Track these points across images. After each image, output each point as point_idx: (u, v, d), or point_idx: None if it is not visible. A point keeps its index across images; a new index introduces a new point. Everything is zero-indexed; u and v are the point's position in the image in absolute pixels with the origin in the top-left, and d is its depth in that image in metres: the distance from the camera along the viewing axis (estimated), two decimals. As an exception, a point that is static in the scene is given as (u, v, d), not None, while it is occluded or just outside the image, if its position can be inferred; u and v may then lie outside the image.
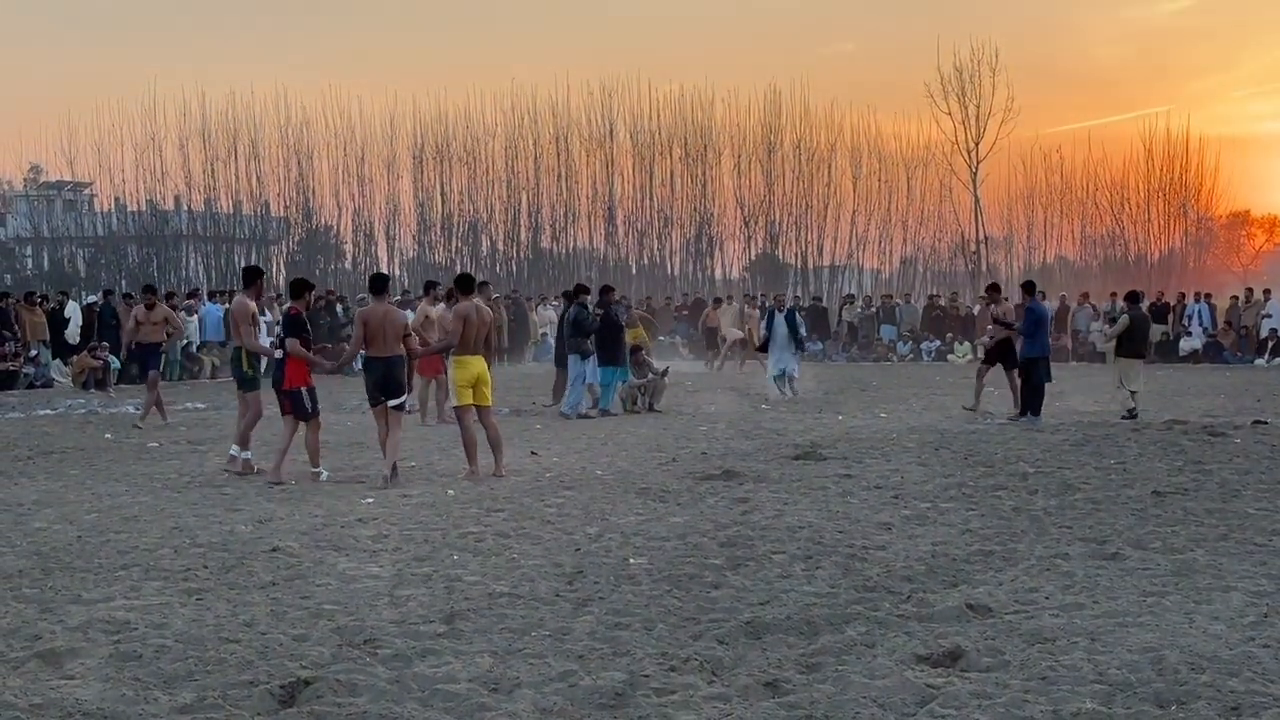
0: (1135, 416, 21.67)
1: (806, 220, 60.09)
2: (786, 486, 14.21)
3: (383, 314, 15.44)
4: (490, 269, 57.94)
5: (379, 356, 15.34)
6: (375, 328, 15.30)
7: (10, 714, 6.50)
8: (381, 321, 15.34)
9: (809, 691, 6.86)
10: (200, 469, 16.28)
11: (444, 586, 9.48)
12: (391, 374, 15.37)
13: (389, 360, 15.36)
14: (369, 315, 15.48)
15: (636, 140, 59.62)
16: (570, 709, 6.65)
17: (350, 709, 6.62)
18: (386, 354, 15.33)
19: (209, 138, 56.55)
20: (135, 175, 56.46)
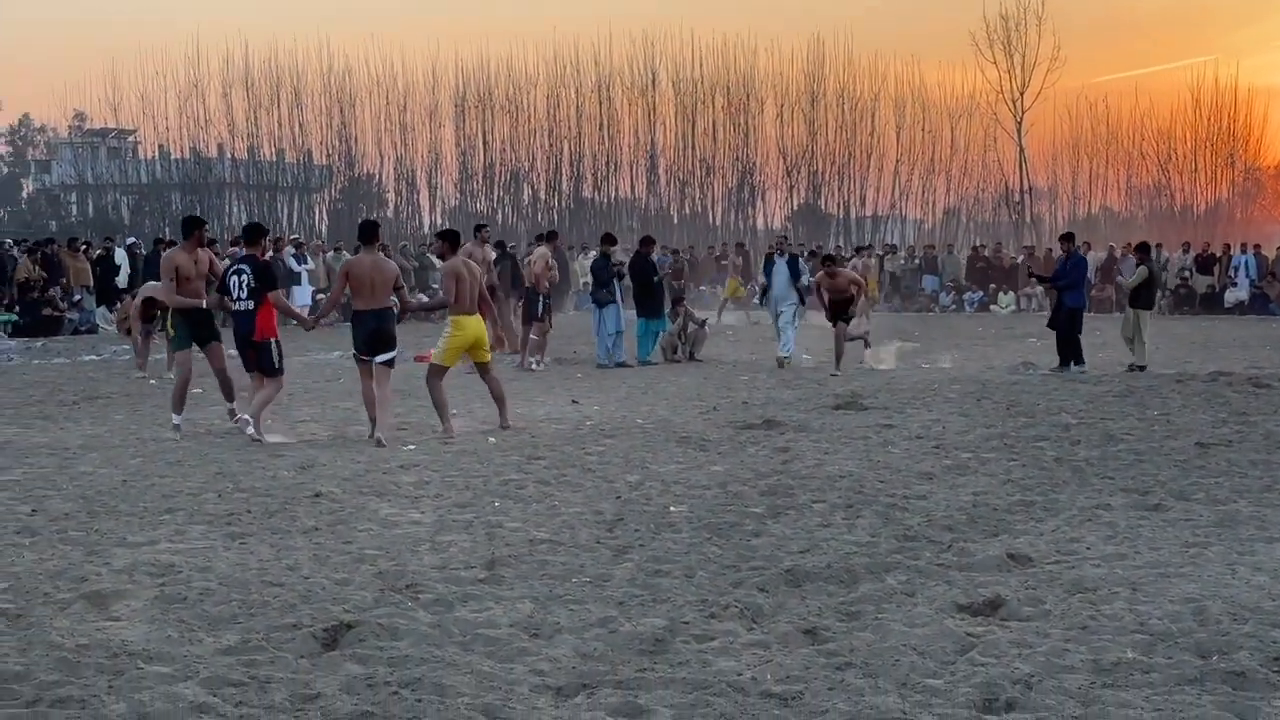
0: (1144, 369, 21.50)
1: (849, 170, 59.81)
2: (827, 436, 14.20)
3: (370, 264, 14.40)
4: (532, 218, 57.90)
5: (367, 309, 14.37)
6: (362, 278, 14.31)
7: (57, 654, 6.57)
8: (369, 272, 14.34)
9: (849, 639, 6.87)
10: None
11: (485, 533, 9.52)
12: (381, 327, 14.35)
13: (379, 313, 14.36)
14: (354, 265, 14.52)
15: (679, 89, 59.39)
16: (610, 654, 6.68)
17: (392, 652, 6.66)
18: (376, 306, 14.34)
19: (252, 85, 56.61)
20: (179, 123, 56.63)
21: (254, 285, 14.35)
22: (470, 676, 6.30)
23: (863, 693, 6.03)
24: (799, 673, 6.35)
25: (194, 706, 5.83)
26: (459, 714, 5.77)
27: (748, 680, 6.23)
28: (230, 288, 14.47)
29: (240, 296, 14.43)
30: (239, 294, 14.42)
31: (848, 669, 6.38)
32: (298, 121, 57.37)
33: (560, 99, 59.09)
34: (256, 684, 6.18)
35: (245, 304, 14.42)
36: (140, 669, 6.36)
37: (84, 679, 6.23)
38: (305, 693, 6.06)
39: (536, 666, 6.48)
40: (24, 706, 5.87)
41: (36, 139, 72.07)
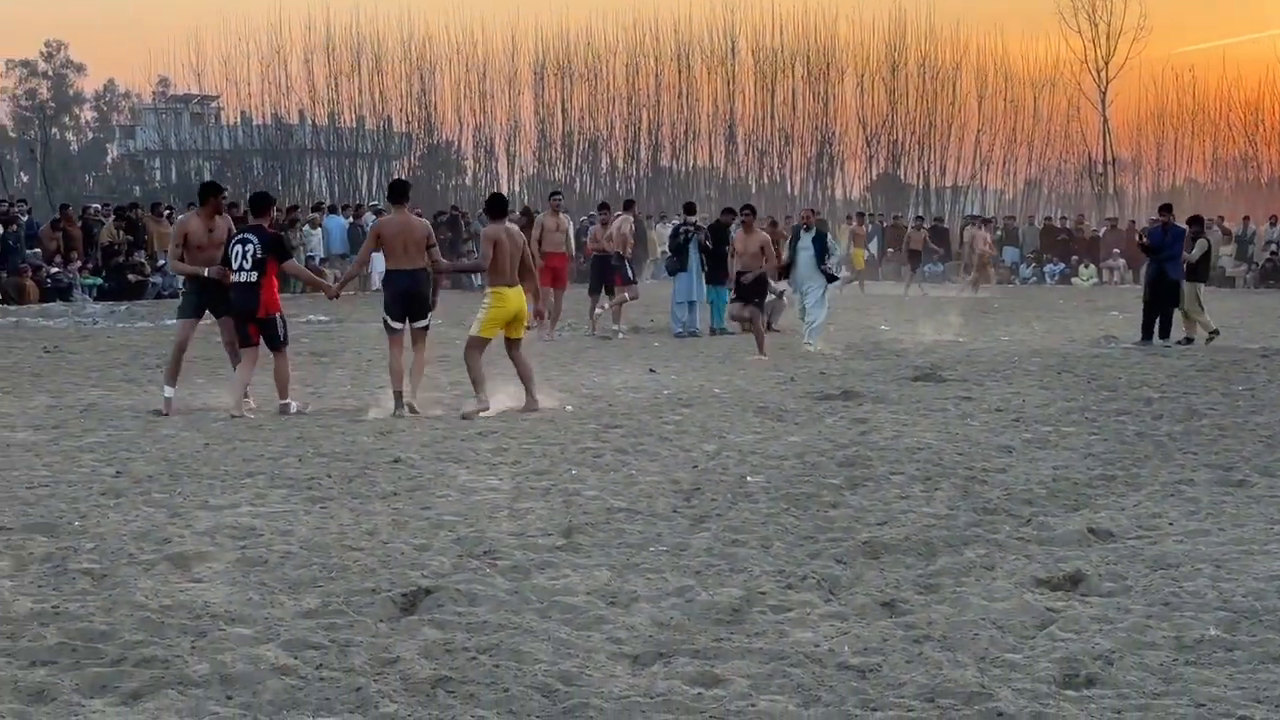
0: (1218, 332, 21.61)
1: (929, 140, 59.33)
2: (906, 407, 14.12)
3: (400, 224, 13.90)
4: (609, 186, 57.86)
5: (399, 269, 13.87)
6: (392, 239, 13.80)
7: (141, 614, 6.65)
8: (400, 232, 13.81)
9: (926, 612, 6.84)
10: (323, 379, 16.48)
11: (562, 501, 9.55)
12: (415, 289, 13.80)
13: (412, 274, 13.78)
14: (385, 226, 14.07)
15: (758, 58, 59.13)
16: (687, 624, 6.68)
17: (470, 618, 6.70)
18: (409, 266, 13.78)
19: (333, 52, 56.92)
20: (260, 89, 57.08)
21: (260, 256, 13.54)
22: (547, 643, 6.32)
23: (941, 666, 6.00)
24: (876, 645, 6.33)
25: (275, 668, 5.89)
26: (536, 680, 5.79)
27: (825, 652, 6.22)
28: (232, 258, 13.59)
29: (244, 267, 13.56)
30: (241, 264, 13.56)
31: (926, 642, 6.35)
32: (378, 88, 57.67)
33: (639, 67, 59.03)
34: (336, 647, 6.23)
35: (248, 275, 13.56)
36: (222, 630, 6.43)
37: (167, 639, 6.31)
38: (384, 656, 6.10)
39: (613, 634, 6.50)
40: (109, 665, 5.95)
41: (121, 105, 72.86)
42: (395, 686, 5.74)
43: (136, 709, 5.50)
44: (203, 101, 61.07)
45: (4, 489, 9.79)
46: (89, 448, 11.58)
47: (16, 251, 31.80)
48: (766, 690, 5.74)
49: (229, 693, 5.66)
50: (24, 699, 5.59)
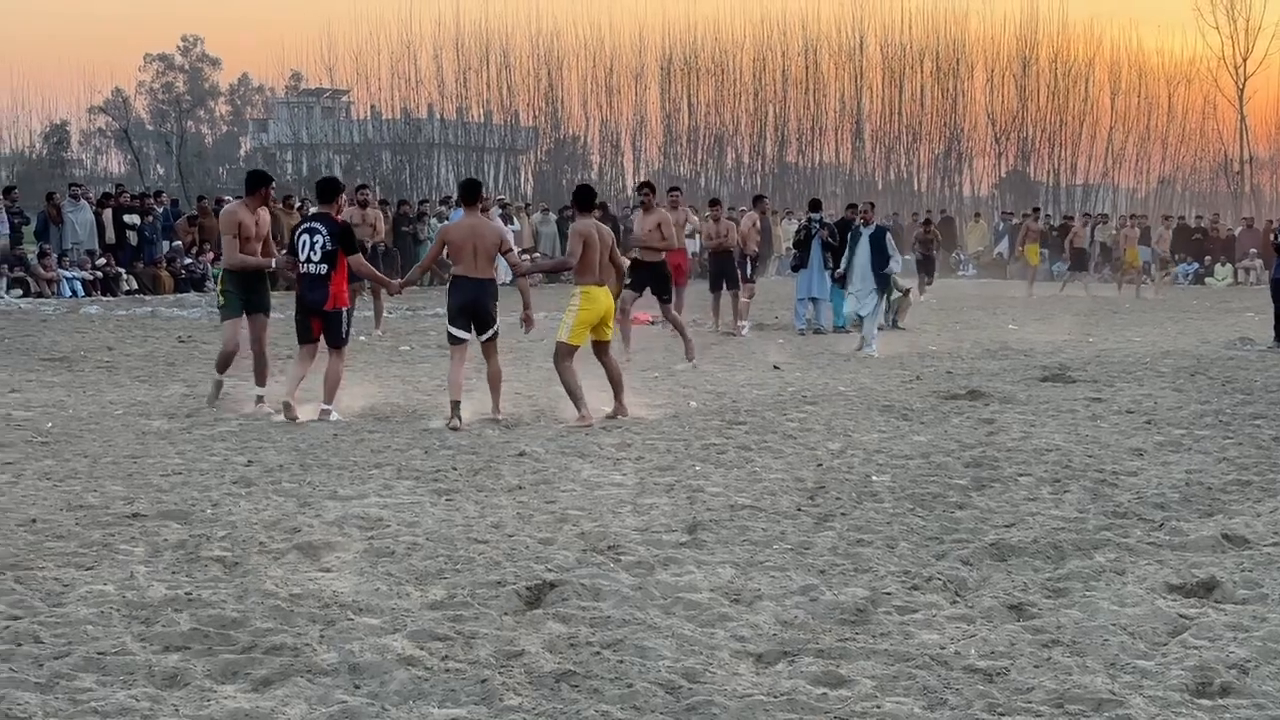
0: None
1: (1060, 137, 58.57)
2: (1034, 408, 13.94)
3: (470, 227, 12.94)
4: (735, 182, 57.83)
5: (467, 276, 12.89)
6: (461, 244, 12.83)
7: (271, 602, 6.75)
8: (469, 236, 12.85)
9: (1055, 616, 6.74)
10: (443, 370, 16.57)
11: (686, 497, 9.54)
12: (482, 300, 12.88)
13: (479, 283, 12.86)
14: (453, 230, 13.12)
15: (886, 53, 58.74)
16: (811, 623, 6.65)
17: (594, 613, 6.71)
18: (476, 274, 12.85)
19: (462, 47, 57.43)
20: (390, 83, 57.73)
21: (330, 248, 12.75)
22: (671, 640, 6.32)
23: (1070, 671, 5.91)
24: (1004, 648, 6.25)
25: (402, 659, 5.94)
26: (660, 677, 5.79)
27: (951, 654, 6.15)
28: (299, 248, 12.85)
29: (311, 259, 12.79)
30: (309, 255, 12.79)
31: (1054, 647, 6.26)
32: (506, 83, 58.08)
33: (766, 62, 58.87)
34: (462, 639, 6.28)
35: (319, 268, 12.80)
36: (350, 620, 6.51)
37: (296, 628, 6.39)
38: (509, 649, 6.14)
39: (737, 632, 6.48)
40: (240, 653, 6.05)
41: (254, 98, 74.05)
42: (520, 680, 5.77)
43: (266, 695, 5.59)
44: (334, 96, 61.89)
45: (139, 476, 9.99)
46: (221, 436, 11.78)
47: (153, 242, 32.44)
48: (892, 692, 5.70)
49: (356, 682, 5.73)
50: (158, 683, 5.69)
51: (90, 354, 18.36)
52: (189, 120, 65.81)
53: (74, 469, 10.18)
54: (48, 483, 9.71)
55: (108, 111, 63.65)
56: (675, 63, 58.51)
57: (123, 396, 13.93)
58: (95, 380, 15.65)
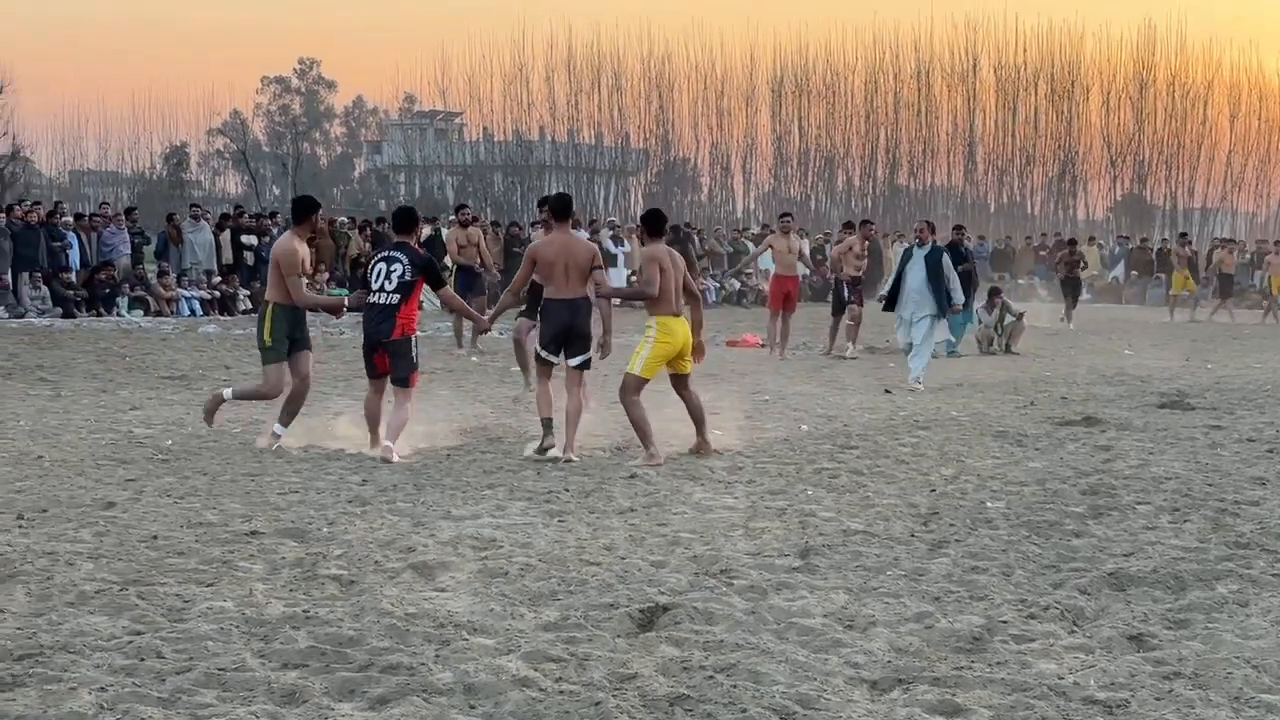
0: None
1: (1178, 160, 57.83)
2: (1151, 435, 13.73)
3: (561, 245, 12.11)
4: (845, 204, 57.64)
5: (559, 299, 12.05)
6: (552, 261, 12.00)
7: (387, 621, 6.81)
8: (560, 254, 12.03)
9: (1176, 648, 6.63)
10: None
11: (798, 521, 9.50)
12: (576, 322, 12.08)
13: (573, 304, 12.05)
14: (542, 248, 12.20)
15: (1000, 75, 58.39)
16: (926, 650, 6.59)
17: (707, 637, 6.70)
18: (569, 296, 12.04)
19: (574, 69, 57.87)
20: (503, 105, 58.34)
21: (408, 279, 12.05)
22: (785, 665, 6.29)
23: (1193, 705, 5.80)
24: (1124, 680, 6.15)
25: (516, 680, 5.97)
26: (774, 702, 5.77)
27: (1070, 685, 6.07)
28: (372, 277, 12.16)
29: (384, 288, 12.07)
30: (382, 284, 12.08)
31: (1176, 679, 6.16)
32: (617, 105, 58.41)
33: (878, 84, 58.75)
34: (575, 661, 6.29)
35: (390, 297, 12.06)
36: (465, 640, 6.55)
37: (412, 647, 6.44)
38: (623, 672, 6.14)
39: (851, 659, 6.44)
40: (357, 671, 6.10)
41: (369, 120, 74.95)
42: (634, 703, 5.77)
43: (383, 714, 5.63)
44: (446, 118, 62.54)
45: (257, 494, 10.12)
46: (336, 455, 11.91)
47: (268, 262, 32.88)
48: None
49: (471, 702, 5.76)
50: (277, 700, 5.76)
51: (208, 372, 18.65)
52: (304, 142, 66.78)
53: (193, 486, 10.33)
54: (168, 499, 9.87)
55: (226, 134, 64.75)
56: (786, 85, 58.60)
57: (240, 415, 14.12)
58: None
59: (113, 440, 12.52)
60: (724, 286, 39.12)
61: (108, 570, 7.77)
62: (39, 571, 7.67)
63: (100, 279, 29.50)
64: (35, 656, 6.16)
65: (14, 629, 6.59)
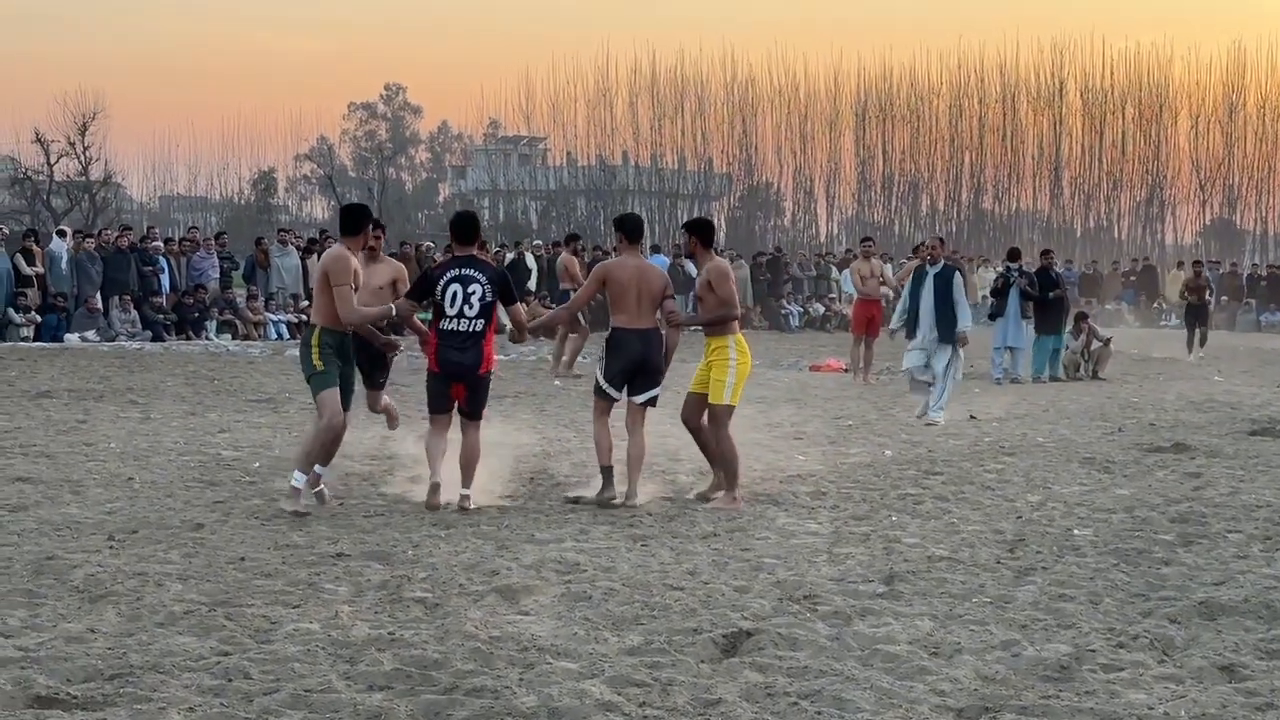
0: None
1: (1269, 184, 57.08)
2: (1242, 463, 13.54)
3: (636, 269, 11.01)
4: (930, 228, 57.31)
5: (631, 329, 10.88)
6: (625, 286, 10.89)
7: (471, 644, 6.83)
8: (635, 279, 10.91)
9: (1269, 679, 6.52)
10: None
11: (882, 547, 9.45)
12: (649, 354, 10.93)
13: (645, 335, 10.91)
14: (616, 269, 11.04)
15: (1087, 99, 57.92)
16: (1013, 679, 6.52)
17: (791, 663, 6.68)
18: (642, 326, 10.91)
19: (657, 94, 58.00)
20: (586, 130, 58.54)
21: (489, 300, 10.60)
22: (870, 692, 6.26)
23: (1286, 737, 5.72)
24: (1215, 711, 6.07)
25: (600, 704, 5.97)
26: (859, 730, 5.74)
27: (1160, 715, 6.00)
28: (446, 301, 10.59)
29: (466, 313, 10.54)
30: (462, 309, 10.56)
31: (1269, 710, 6.07)
32: (700, 130, 58.47)
33: (963, 109, 58.39)
34: (659, 686, 6.28)
35: (474, 324, 10.55)
36: (549, 664, 6.56)
37: (496, 670, 6.46)
38: (706, 698, 6.13)
39: (937, 686, 6.39)
40: (442, 693, 6.13)
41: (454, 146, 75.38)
42: (717, 728, 5.75)
43: (467, 737, 5.65)
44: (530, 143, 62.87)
45: (343, 517, 10.20)
46: (423, 479, 11.95)
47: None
48: (1098, 753, 5.57)
49: (555, 726, 5.77)
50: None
51: (294, 396, 18.80)
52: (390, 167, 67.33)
53: (280, 509, 10.41)
54: (255, 521, 9.97)
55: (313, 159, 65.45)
56: (870, 109, 58.37)
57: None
58: (300, 421, 16.02)
59: (201, 463, 12.67)
60: (807, 311, 39.01)
61: (196, 591, 7.85)
62: (129, 592, 7.77)
63: (189, 303, 29.88)
64: (125, 676, 6.24)
65: (104, 649, 6.68)
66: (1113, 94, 57.56)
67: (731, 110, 58.34)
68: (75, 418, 15.78)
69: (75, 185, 49.39)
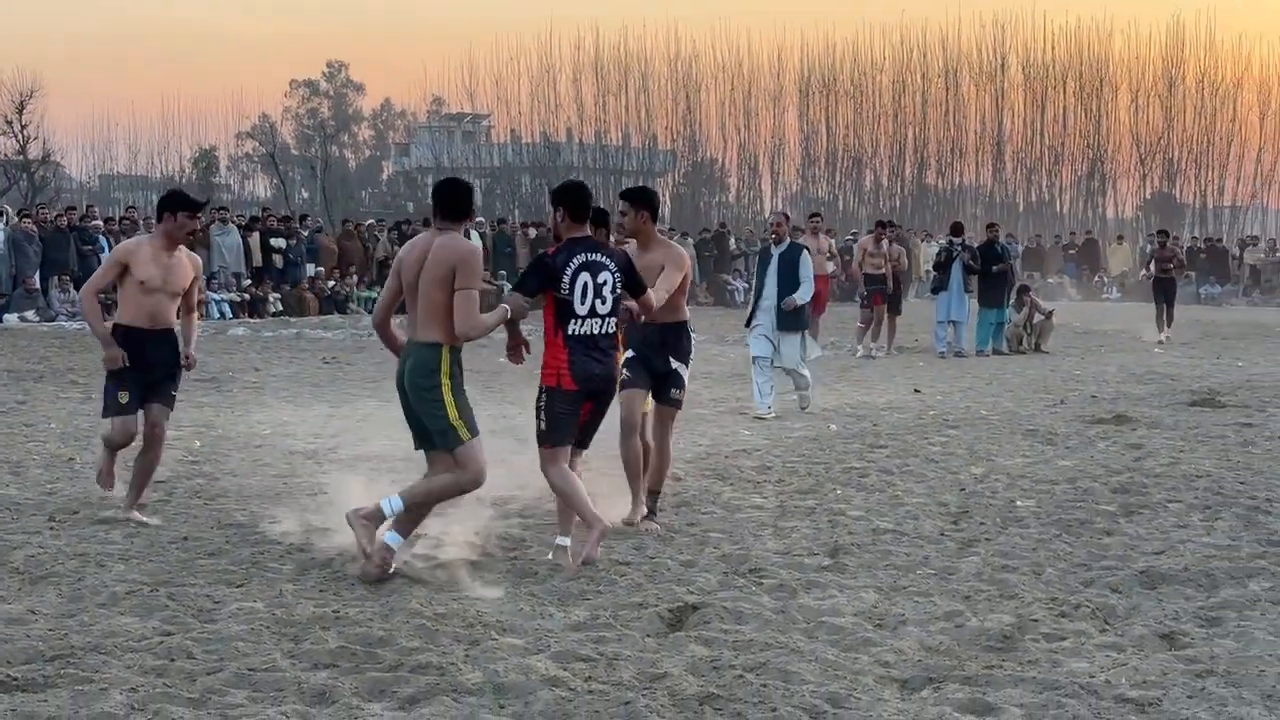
0: None
1: (1207, 158, 57.49)
2: (1182, 434, 13.66)
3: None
4: (874, 204, 57.51)
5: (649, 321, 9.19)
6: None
7: (417, 621, 6.82)
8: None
9: (1209, 646, 6.59)
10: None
11: (827, 520, 9.48)
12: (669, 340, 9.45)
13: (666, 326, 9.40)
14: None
15: (1028, 74, 58.13)
16: (957, 649, 6.56)
17: (736, 636, 6.69)
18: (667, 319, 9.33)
19: (601, 71, 57.83)
20: (530, 107, 58.30)
21: (619, 293, 8.43)
22: (815, 664, 6.28)
23: (1225, 703, 5.77)
24: (1156, 678, 6.12)
25: (546, 679, 5.97)
26: (804, 701, 5.76)
27: (1101, 683, 6.04)
28: (576, 294, 8.27)
29: (599, 309, 8.34)
30: (593, 305, 8.32)
31: (1208, 677, 6.12)
32: (644, 106, 58.35)
33: (906, 84, 58.52)
34: (605, 660, 6.29)
35: (608, 324, 8.41)
36: (495, 640, 6.55)
37: (441, 647, 6.45)
38: (652, 671, 6.14)
39: (881, 657, 6.42)
40: (387, 671, 6.11)
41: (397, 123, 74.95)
42: (663, 702, 5.76)
43: (413, 714, 5.64)
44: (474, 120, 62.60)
45: (287, 496, 10.14)
46: (366, 457, 11.92)
47: (298, 265, 33.01)
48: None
49: (501, 702, 5.76)
50: (307, 700, 5.77)
51: (238, 375, 18.71)
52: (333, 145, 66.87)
53: (223, 488, 10.36)
54: (198, 501, 9.91)
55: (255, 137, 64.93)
56: (814, 85, 58.40)
57: (270, 417, 14.16)
58: (243, 401, 15.93)
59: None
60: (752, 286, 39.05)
61: (138, 571, 7.80)
62: (70, 573, 7.71)
63: (130, 282, 29.62)
64: (67, 657, 6.19)
65: (46, 630, 6.63)
66: (1054, 69, 57.85)
67: (676, 86, 58.28)
68: (15, 398, 15.64)
69: (13, 164, 48.86)
